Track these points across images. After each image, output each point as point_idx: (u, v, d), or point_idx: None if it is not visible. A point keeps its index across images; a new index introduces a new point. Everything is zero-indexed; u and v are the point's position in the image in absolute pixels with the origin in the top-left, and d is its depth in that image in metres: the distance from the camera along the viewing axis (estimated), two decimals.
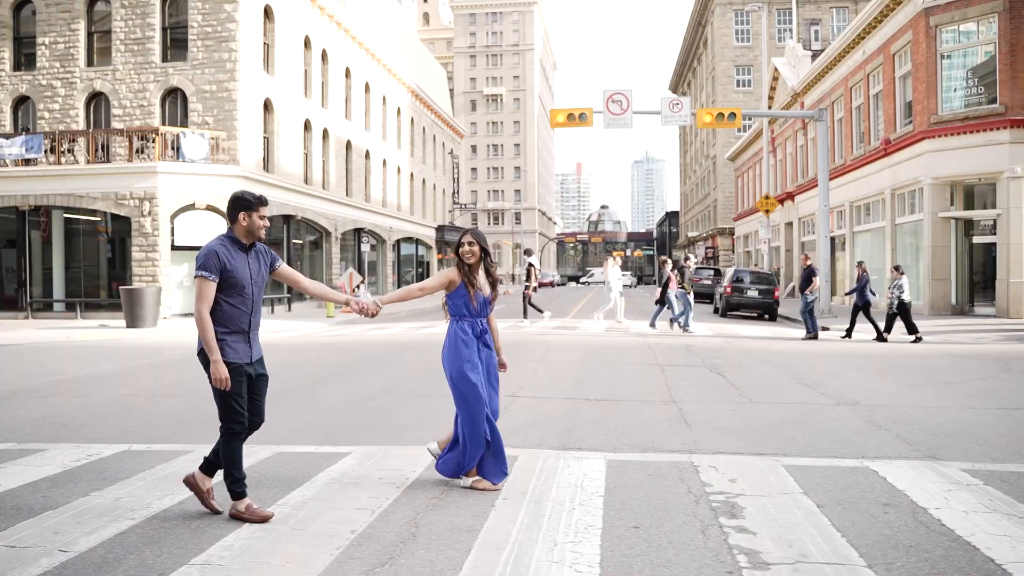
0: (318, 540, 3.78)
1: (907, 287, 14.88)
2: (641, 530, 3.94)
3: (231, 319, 4.11)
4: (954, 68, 20.00)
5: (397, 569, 3.42)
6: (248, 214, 4.13)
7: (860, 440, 6.14)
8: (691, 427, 6.59)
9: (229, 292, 4.08)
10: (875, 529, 3.98)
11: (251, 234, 4.18)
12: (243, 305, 4.14)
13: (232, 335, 4.12)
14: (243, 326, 4.16)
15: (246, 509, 4.08)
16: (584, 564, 3.46)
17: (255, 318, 4.22)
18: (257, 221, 4.15)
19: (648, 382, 9.22)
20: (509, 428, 6.58)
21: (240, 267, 4.11)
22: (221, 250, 4.07)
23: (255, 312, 4.22)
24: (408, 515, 4.17)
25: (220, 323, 4.08)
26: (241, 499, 4.12)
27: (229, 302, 4.09)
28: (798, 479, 4.92)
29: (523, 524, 4.00)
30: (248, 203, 4.14)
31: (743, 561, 3.51)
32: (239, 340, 4.15)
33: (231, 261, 4.07)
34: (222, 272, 4.04)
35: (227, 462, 4.14)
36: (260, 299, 4.28)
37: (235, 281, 4.08)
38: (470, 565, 3.45)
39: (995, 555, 3.62)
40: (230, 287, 4.08)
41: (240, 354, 4.14)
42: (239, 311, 4.13)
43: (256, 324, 4.24)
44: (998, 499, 4.50)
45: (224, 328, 4.09)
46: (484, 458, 4.66)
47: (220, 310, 4.08)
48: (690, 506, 4.34)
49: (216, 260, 4.02)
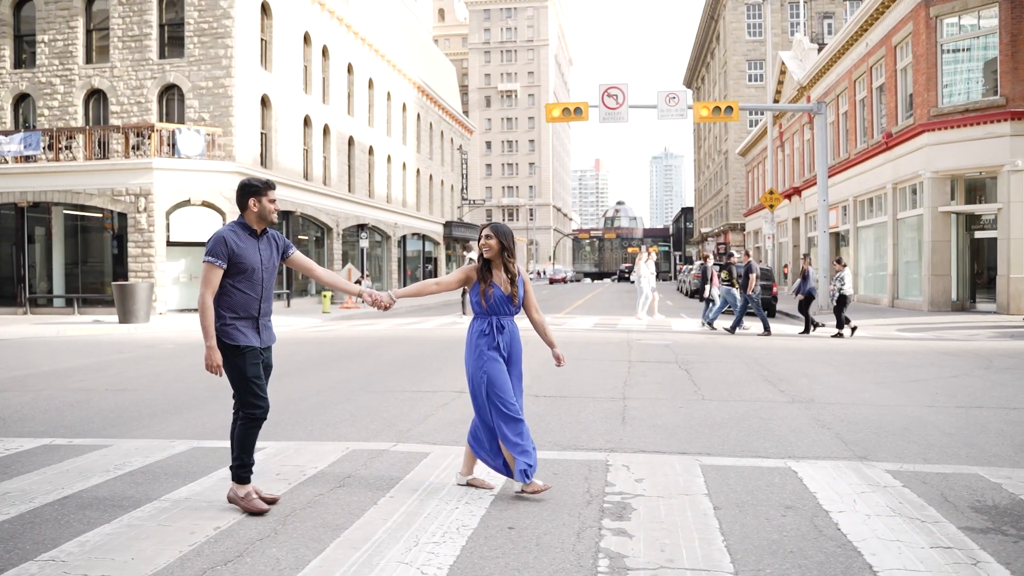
0: (178, 536, 3.69)
1: (848, 280, 14.81)
2: (515, 531, 3.81)
3: (240, 305, 4.07)
4: (954, 60, 19.52)
5: (237, 567, 3.32)
6: (257, 199, 4.11)
7: (795, 439, 5.95)
8: (626, 425, 6.43)
9: (238, 278, 4.05)
10: (763, 533, 3.81)
11: (263, 219, 4.15)
12: (252, 291, 4.10)
13: (241, 320, 4.08)
14: (253, 312, 4.12)
15: (245, 496, 4.03)
16: (434, 566, 3.33)
17: (265, 304, 4.18)
18: (268, 205, 4.13)
19: (608, 379, 9.06)
20: (439, 425, 6.47)
21: (249, 253, 4.07)
22: (230, 236, 4.04)
23: (265, 298, 4.18)
24: (283, 512, 4.07)
25: (230, 309, 4.05)
26: (243, 484, 4.06)
27: (238, 288, 4.05)
28: (709, 480, 4.76)
29: (396, 523, 3.89)
30: (256, 188, 4.12)
31: (603, 565, 3.36)
32: (248, 326, 4.11)
33: (239, 247, 4.04)
34: (230, 258, 4.01)
35: (241, 447, 4.08)
36: (271, 286, 4.24)
37: (244, 267, 4.04)
38: (315, 564, 3.34)
39: (876, 561, 3.44)
40: (239, 272, 4.04)
41: (251, 339, 4.10)
42: (248, 297, 4.09)
43: (267, 311, 4.20)
44: (909, 502, 4.31)
45: (234, 313, 4.06)
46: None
47: (229, 296, 4.05)
48: (580, 507, 4.19)
49: (224, 246, 4.00)
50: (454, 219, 51.86)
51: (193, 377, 9.56)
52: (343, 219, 31.41)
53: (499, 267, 4.45)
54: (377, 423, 6.51)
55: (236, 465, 4.07)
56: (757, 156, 45.72)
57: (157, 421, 6.73)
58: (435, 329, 16.63)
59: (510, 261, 4.46)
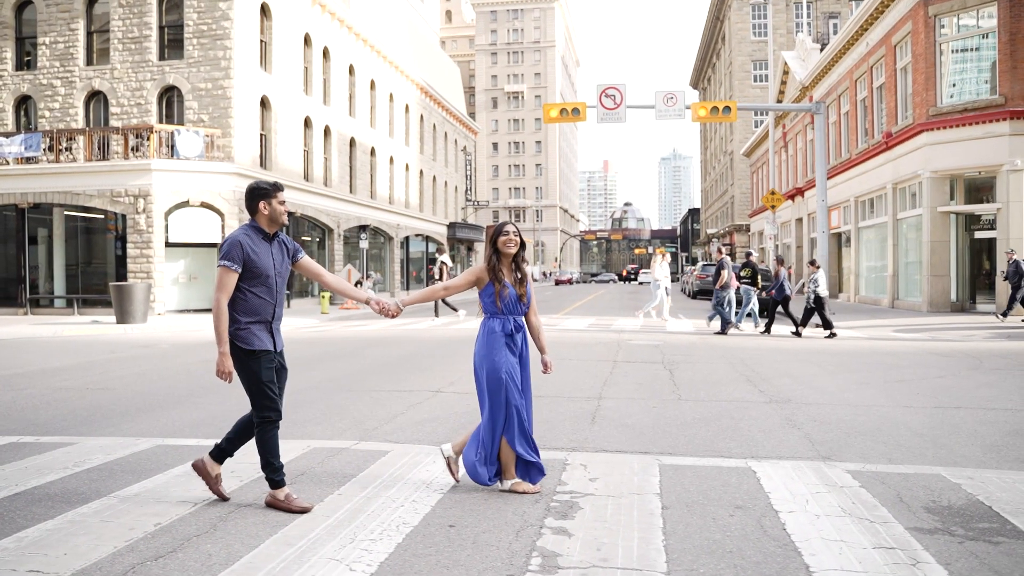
0: (116, 532, 3.69)
1: (823, 281, 14.78)
2: (455, 529, 3.79)
3: (255, 309, 4.06)
4: (953, 59, 19.36)
5: (167, 562, 3.32)
6: (267, 202, 4.10)
7: (763, 439, 5.90)
8: (595, 424, 6.40)
9: (253, 282, 4.04)
10: (706, 533, 3.78)
11: (274, 221, 4.14)
12: (267, 295, 4.09)
13: (256, 324, 4.07)
14: (267, 316, 4.11)
15: (285, 498, 4.04)
16: (364, 563, 3.32)
17: (278, 309, 4.18)
18: (278, 207, 4.12)
19: (588, 378, 9.02)
20: (405, 424, 6.46)
21: (264, 257, 4.07)
22: (245, 240, 4.03)
23: (279, 303, 4.18)
24: (227, 508, 4.07)
25: (245, 313, 4.04)
26: (280, 488, 4.07)
27: (253, 292, 4.05)
28: (665, 479, 4.72)
29: (337, 520, 3.88)
30: (265, 191, 4.11)
31: (534, 564, 3.34)
32: (263, 330, 4.10)
33: (255, 251, 4.03)
34: (245, 262, 4.00)
35: (264, 451, 4.07)
36: (283, 290, 4.24)
37: (259, 271, 4.04)
38: (245, 560, 3.34)
39: (814, 562, 3.40)
40: (254, 277, 4.03)
41: (266, 342, 4.09)
42: (263, 301, 4.08)
43: (279, 315, 4.20)
44: (863, 502, 4.26)
45: (249, 318, 4.05)
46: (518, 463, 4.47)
47: (244, 300, 4.04)
48: (526, 505, 4.17)
49: (240, 250, 3.99)
50: (458, 220, 51.89)
51: (176, 376, 9.59)
52: (344, 220, 31.48)
53: (511, 267, 4.47)
54: (345, 422, 6.51)
55: (268, 472, 4.06)
56: (761, 157, 45.53)
57: (128, 419, 6.76)
58: (427, 330, 16.63)
59: (523, 261, 4.52)
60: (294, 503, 4.02)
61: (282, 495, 4.05)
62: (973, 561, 3.44)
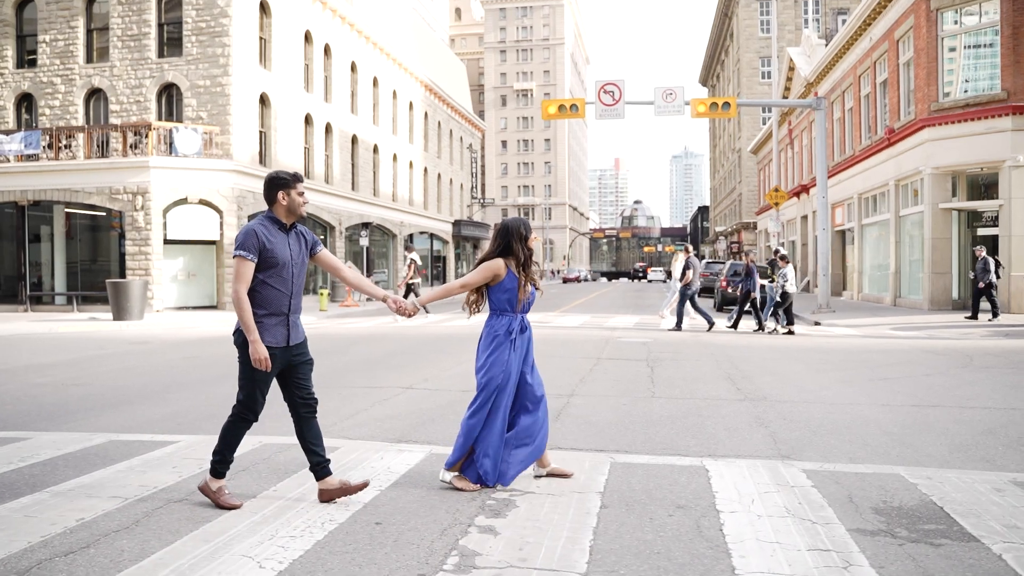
0: (36, 527, 3.64)
1: (791, 277, 14.66)
2: (381, 527, 3.71)
3: (270, 301, 3.98)
4: (955, 53, 19.06)
5: (76, 558, 3.26)
6: (286, 192, 4.03)
7: (725, 437, 5.79)
8: (559, 422, 6.30)
9: (269, 273, 3.96)
10: (638, 534, 3.68)
11: (292, 212, 4.07)
12: (283, 287, 4.01)
13: (270, 317, 3.98)
14: (283, 309, 4.02)
15: (217, 491, 3.99)
16: (276, 560, 3.25)
17: (295, 300, 4.09)
18: (296, 198, 4.05)
19: (565, 376, 8.92)
20: (367, 420, 6.39)
21: (280, 247, 3.99)
22: (260, 230, 3.95)
23: (296, 295, 4.09)
24: (154, 504, 4.01)
25: (259, 305, 3.96)
26: (219, 478, 4.02)
27: (269, 283, 3.97)
28: (613, 478, 4.62)
29: (263, 517, 3.81)
30: (285, 181, 4.05)
31: (450, 563, 3.25)
32: (279, 323, 4.01)
33: (270, 241, 3.96)
34: (261, 252, 3.92)
35: (225, 442, 4.04)
36: (301, 282, 4.15)
37: (274, 261, 3.96)
38: (156, 557, 3.27)
39: (742, 564, 3.30)
40: (269, 267, 3.95)
41: (277, 338, 3.99)
42: (279, 292, 4.00)
43: (297, 307, 4.11)
44: (810, 502, 4.15)
45: (263, 310, 3.96)
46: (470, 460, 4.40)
47: (259, 292, 3.96)
48: (460, 503, 4.08)
49: (255, 240, 3.91)
50: (464, 218, 51.83)
51: (156, 373, 9.58)
52: (346, 218, 31.49)
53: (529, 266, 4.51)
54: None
55: (216, 459, 4.01)
56: (767, 154, 45.17)
57: (93, 415, 6.72)
58: (420, 327, 16.57)
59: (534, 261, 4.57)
60: (224, 499, 3.96)
61: (215, 486, 3.99)
62: (909, 564, 3.32)
